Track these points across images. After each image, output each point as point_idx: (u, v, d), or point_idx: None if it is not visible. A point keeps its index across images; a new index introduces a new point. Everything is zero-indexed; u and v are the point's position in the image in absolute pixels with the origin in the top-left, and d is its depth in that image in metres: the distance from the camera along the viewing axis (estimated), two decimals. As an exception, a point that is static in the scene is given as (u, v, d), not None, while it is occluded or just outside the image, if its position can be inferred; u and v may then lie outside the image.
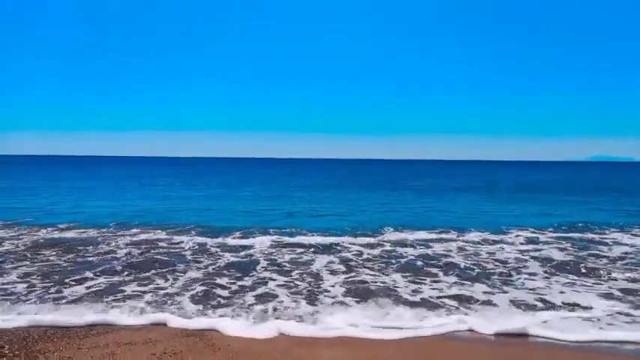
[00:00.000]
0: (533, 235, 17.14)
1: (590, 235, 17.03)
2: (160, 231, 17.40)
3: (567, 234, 17.21)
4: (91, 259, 13.07)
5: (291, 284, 10.77)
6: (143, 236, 16.45)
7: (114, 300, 9.46)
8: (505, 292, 10.10)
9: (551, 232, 17.74)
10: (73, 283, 10.60)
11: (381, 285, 10.67)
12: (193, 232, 17.43)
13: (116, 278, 11.13)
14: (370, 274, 11.68)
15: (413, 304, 9.28)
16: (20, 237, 15.99)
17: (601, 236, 16.93)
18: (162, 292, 10.12)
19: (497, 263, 12.87)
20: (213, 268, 12.25)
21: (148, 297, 9.73)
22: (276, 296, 9.84)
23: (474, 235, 16.87)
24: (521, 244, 15.61)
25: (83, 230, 17.29)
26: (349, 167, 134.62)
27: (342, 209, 25.64)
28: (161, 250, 14.41)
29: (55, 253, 13.70)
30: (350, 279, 11.23)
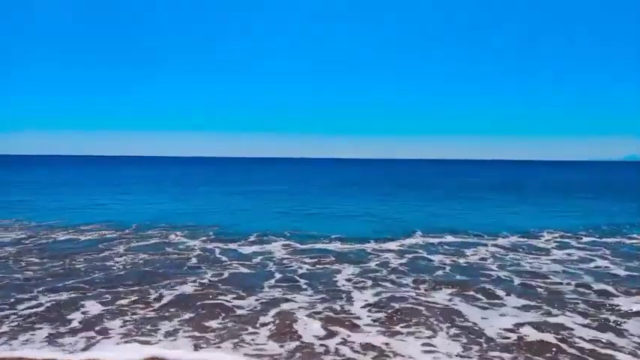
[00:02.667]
0: (567, 240, 15.60)
1: (626, 240, 15.56)
2: (178, 232, 16.13)
3: (602, 239, 15.72)
4: (78, 266, 11.27)
5: (312, 306, 8.48)
6: (154, 240, 14.87)
7: (61, 326, 7.31)
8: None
9: (584, 235, 16.30)
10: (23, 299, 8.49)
11: (432, 307, 8.36)
12: (208, 234, 15.93)
13: (87, 293, 9.07)
14: (409, 291, 9.47)
15: (504, 348, 6.61)
16: (26, 239, 14.66)
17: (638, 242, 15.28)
18: (141, 314, 7.94)
19: (552, 278, 10.71)
20: (217, 282, 10.06)
21: (115, 323, 7.46)
22: (295, 323, 7.52)
23: (505, 240, 15.39)
24: (554, 248, 14.14)
25: (101, 232, 16.04)
26: (364, 167, 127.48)
27: (363, 211, 24.09)
28: (165, 256, 12.59)
29: (43, 259, 11.90)
30: (387, 298, 8.99)
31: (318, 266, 11.79)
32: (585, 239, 15.88)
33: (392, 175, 72.82)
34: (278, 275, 10.77)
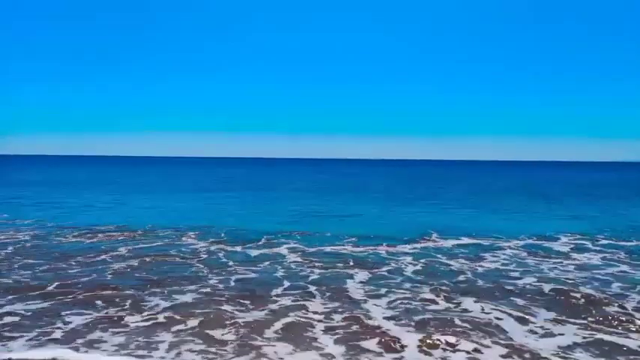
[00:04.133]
0: (585, 243, 14.94)
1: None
2: (191, 234, 15.61)
3: (619, 242, 15.13)
4: (71, 271, 10.49)
5: (329, 316, 7.56)
6: (164, 241, 14.27)
7: (41, 336, 6.42)
8: None
9: (602, 238, 15.65)
10: None
11: (465, 319, 7.45)
12: (220, 236, 15.33)
13: (73, 300, 8.18)
14: (433, 299, 8.61)
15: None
16: (31, 240, 14.10)
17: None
18: (136, 324, 7.00)
19: (582, 286, 9.88)
20: (223, 288, 9.17)
21: (105, 334, 6.48)
22: (313, 336, 6.63)
23: (522, 243, 14.76)
24: (573, 252, 13.56)
25: (112, 234, 15.43)
26: (371, 168, 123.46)
27: (375, 212, 23.34)
28: (168, 259, 11.81)
29: (37, 262, 11.17)
30: (410, 306, 8.13)
31: (330, 271, 10.89)
32: (603, 242, 15.22)
33: (402, 177, 70.94)
34: (288, 282, 9.87)
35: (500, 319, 7.64)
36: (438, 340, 6.56)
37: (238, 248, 13.49)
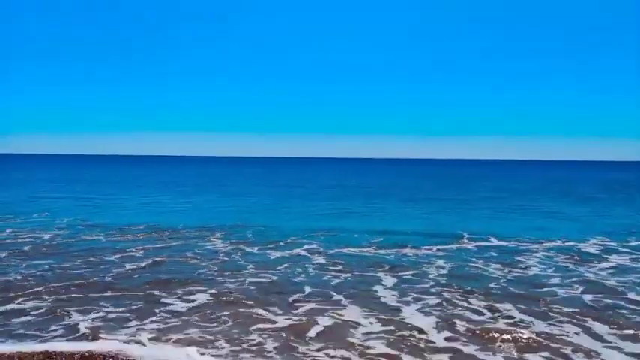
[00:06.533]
0: (615, 245, 14.37)
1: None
2: (217, 233, 15.40)
3: None
4: (74, 270, 10.32)
5: (367, 322, 6.99)
6: (187, 241, 14.08)
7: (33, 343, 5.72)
8: None
9: (633, 240, 15.21)
10: None
11: (516, 330, 6.79)
12: (246, 236, 15.08)
13: (74, 301, 7.85)
14: (479, 310, 7.89)
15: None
16: (51, 239, 14.02)
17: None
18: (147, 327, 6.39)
19: (630, 293, 9.25)
20: (235, 294, 8.62)
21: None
22: (356, 344, 6.05)
23: (552, 245, 14.25)
24: (606, 254, 13.08)
25: (138, 234, 15.26)
26: (383, 167, 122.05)
27: (399, 210, 22.93)
28: (179, 260, 11.56)
29: (44, 262, 10.97)
30: (450, 314, 7.50)
31: (355, 275, 10.28)
32: (634, 244, 14.66)
33: (417, 176, 69.46)
34: (309, 288, 9.31)
35: (575, 333, 6.92)
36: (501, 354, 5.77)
37: (264, 249, 13.09)
